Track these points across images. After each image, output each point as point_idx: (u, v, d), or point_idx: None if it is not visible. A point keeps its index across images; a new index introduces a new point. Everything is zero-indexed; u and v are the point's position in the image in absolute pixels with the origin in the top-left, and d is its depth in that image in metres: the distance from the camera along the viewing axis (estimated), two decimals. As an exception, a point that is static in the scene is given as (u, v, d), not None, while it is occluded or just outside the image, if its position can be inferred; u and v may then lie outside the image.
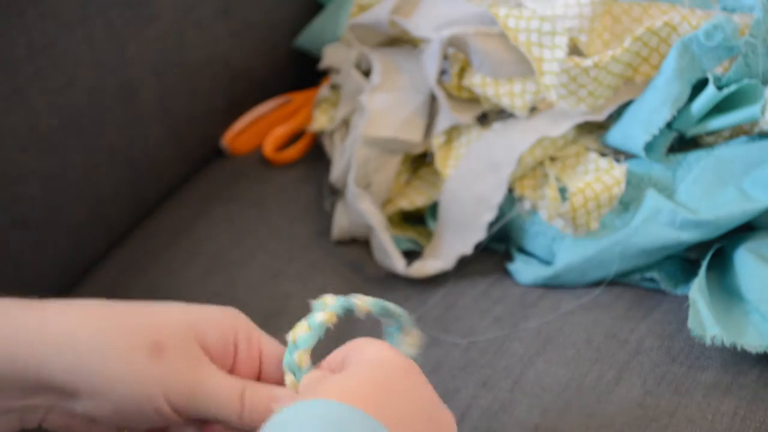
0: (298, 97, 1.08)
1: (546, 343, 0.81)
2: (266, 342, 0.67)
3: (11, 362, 0.61)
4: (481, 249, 0.89)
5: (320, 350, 0.66)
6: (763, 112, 0.82)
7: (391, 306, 0.68)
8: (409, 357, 0.67)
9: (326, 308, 0.65)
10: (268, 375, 0.67)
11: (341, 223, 0.94)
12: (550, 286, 0.86)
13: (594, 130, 0.89)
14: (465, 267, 0.89)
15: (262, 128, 1.07)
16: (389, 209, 0.94)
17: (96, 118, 0.93)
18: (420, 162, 0.96)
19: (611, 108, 0.87)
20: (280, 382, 0.66)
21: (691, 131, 0.85)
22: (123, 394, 0.62)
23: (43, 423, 0.64)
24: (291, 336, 0.65)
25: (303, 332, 0.65)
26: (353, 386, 0.58)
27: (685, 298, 0.79)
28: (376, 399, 0.58)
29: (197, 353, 0.64)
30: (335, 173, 0.95)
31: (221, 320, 0.66)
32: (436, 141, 0.92)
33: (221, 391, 0.64)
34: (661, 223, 0.82)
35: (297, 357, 0.64)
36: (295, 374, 0.65)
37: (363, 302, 0.66)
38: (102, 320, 0.63)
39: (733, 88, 0.83)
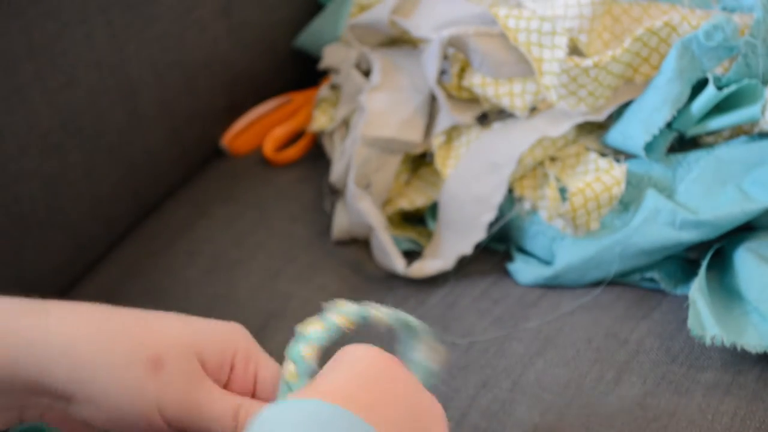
0: (298, 97, 1.08)
1: (546, 343, 0.81)
2: (264, 363, 0.67)
3: (12, 367, 0.62)
4: (481, 249, 0.89)
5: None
6: (763, 112, 0.82)
7: (409, 318, 0.66)
8: (431, 370, 0.67)
9: (342, 312, 0.63)
10: (261, 395, 0.67)
11: (341, 223, 0.94)
12: (550, 286, 0.86)
13: (594, 130, 0.89)
14: (465, 267, 0.89)
15: (262, 128, 1.07)
16: (389, 209, 0.94)
17: (96, 118, 0.93)
18: (420, 162, 0.96)
19: (611, 108, 0.87)
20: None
21: (691, 131, 0.85)
22: (117, 405, 0.63)
23: (42, 419, 0.65)
24: (302, 328, 0.63)
25: (317, 328, 0.63)
26: (338, 384, 0.59)
27: (685, 298, 0.79)
28: (362, 396, 0.58)
29: (195, 369, 0.64)
30: (335, 173, 0.95)
31: (222, 336, 0.66)
32: (436, 141, 0.92)
33: (216, 407, 0.64)
34: (661, 223, 0.82)
35: (304, 349, 0.62)
36: (297, 364, 0.62)
37: (379, 313, 0.64)
38: (103, 329, 0.64)
39: (733, 88, 0.83)
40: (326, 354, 0.63)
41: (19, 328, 0.62)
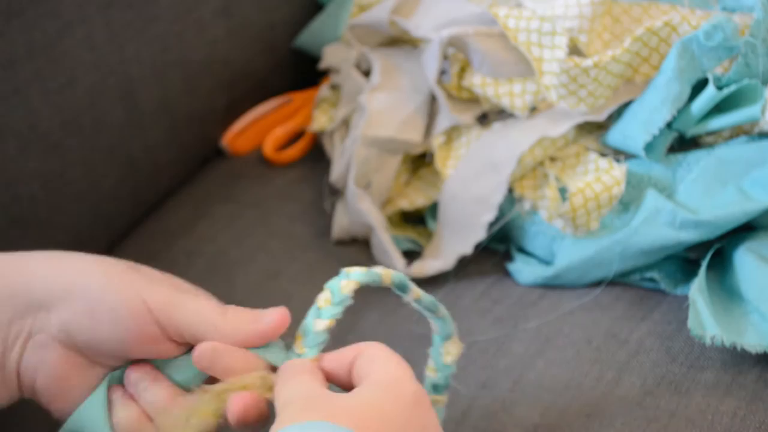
0: (298, 97, 1.08)
1: (546, 343, 0.81)
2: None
3: None
4: (481, 249, 0.89)
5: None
6: (763, 112, 0.82)
7: (413, 286, 0.68)
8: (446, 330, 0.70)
9: (384, 269, 0.66)
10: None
11: (341, 223, 0.94)
12: (550, 286, 0.86)
13: (594, 130, 0.89)
14: (465, 267, 0.89)
15: (262, 128, 1.07)
16: (389, 209, 0.94)
17: (96, 118, 0.93)
18: (420, 162, 0.96)
19: (611, 108, 0.87)
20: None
21: (691, 131, 0.85)
22: (96, 292, 0.62)
23: (21, 361, 0.63)
24: (317, 302, 0.66)
25: (359, 269, 0.66)
26: (362, 412, 0.58)
27: (685, 298, 0.79)
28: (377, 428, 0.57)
29: (176, 283, 0.65)
30: (335, 173, 0.95)
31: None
32: (436, 141, 0.92)
33: (202, 304, 0.64)
34: (661, 223, 0.82)
35: (343, 283, 0.65)
36: (332, 292, 0.65)
37: (387, 273, 0.67)
38: (78, 254, 0.65)
39: (733, 88, 0.83)
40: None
41: None
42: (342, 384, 0.63)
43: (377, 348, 0.63)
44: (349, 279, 0.65)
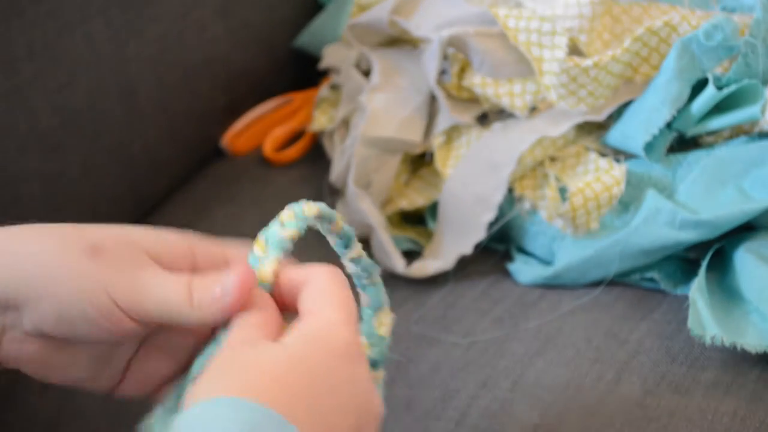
0: (298, 97, 1.08)
1: (546, 343, 0.81)
2: (230, 246, 0.65)
3: None
4: (481, 249, 0.89)
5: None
6: (763, 112, 0.82)
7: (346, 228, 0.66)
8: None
9: (310, 203, 0.64)
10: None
11: (341, 223, 0.94)
12: (550, 286, 0.86)
13: (594, 130, 0.89)
14: (465, 267, 0.89)
15: (262, 128, 1.07)
16: (389, 209, 0.94)
17: (96, 118, 0.93)
18: (420, 162, 0.96)
19: (611, 108, 0.87)
20: None
21: (691, 131, 0.85)
22: (62, 294, 0.60)
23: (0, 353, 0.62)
24: (280, 217, 0.65)
25: (290, 219, 0.64)
26: (282, 375, 0.55)
27: (685, 298, 0.79)
28: (300, 396, 0.55)
29: (138, 255, 0.62)
30: (335, 173, 0.95)
31: (176, 241, 0.64)
32: (436, 141, 0.92)
33: (166, 285, 0.61)
34: (660, 223, 0.82)
35: (279, 229, 0.64)
36: (267, 241, 0.64)
37: (341, 221, 0.65)
38: (35, 230, 0.63)
39: (733, 88, 0.83)
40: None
41: None
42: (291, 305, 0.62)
43: (326, 281, 0.61)
44: (311, 205, 0.64)
